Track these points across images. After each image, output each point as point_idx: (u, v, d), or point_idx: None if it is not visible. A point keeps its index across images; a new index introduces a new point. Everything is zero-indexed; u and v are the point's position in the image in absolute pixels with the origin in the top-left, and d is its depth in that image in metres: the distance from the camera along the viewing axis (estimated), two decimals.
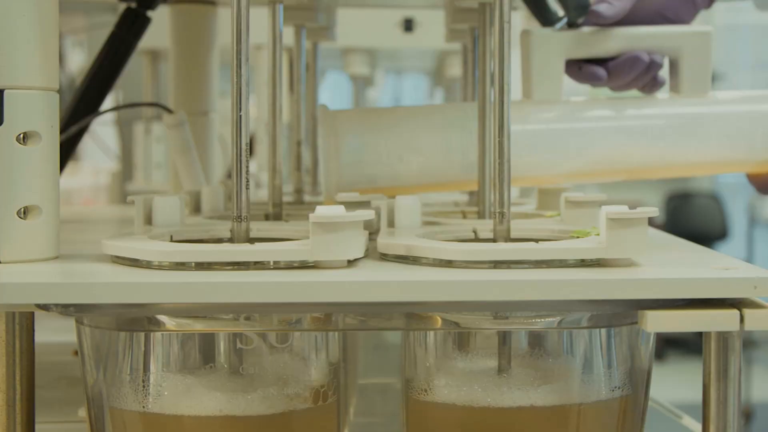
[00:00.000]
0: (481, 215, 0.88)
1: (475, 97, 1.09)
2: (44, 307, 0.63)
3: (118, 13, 1.88)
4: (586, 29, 0.93)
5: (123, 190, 2.14)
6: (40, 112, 0.68)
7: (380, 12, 1.69)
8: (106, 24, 1.94)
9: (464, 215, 0.95)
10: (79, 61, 3.02)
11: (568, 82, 0.95)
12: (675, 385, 2.64)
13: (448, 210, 0.99)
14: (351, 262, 0.66)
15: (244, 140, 0.70)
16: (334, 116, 0.90)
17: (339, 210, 0.64)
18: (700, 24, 1.03)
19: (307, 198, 1.09)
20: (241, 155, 0.70)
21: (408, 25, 1.69)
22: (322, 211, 0.64)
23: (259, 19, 1.75)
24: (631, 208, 0.66)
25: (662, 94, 0.96)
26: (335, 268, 0.65)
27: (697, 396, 0.65)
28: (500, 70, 0.71)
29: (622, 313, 0.66)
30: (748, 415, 3.85)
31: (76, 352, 1.11)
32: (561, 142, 0.91)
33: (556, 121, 0.92)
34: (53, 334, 0.96)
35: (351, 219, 0.64)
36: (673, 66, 0.94)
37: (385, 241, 0.69)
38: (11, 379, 0.68)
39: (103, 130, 2.33)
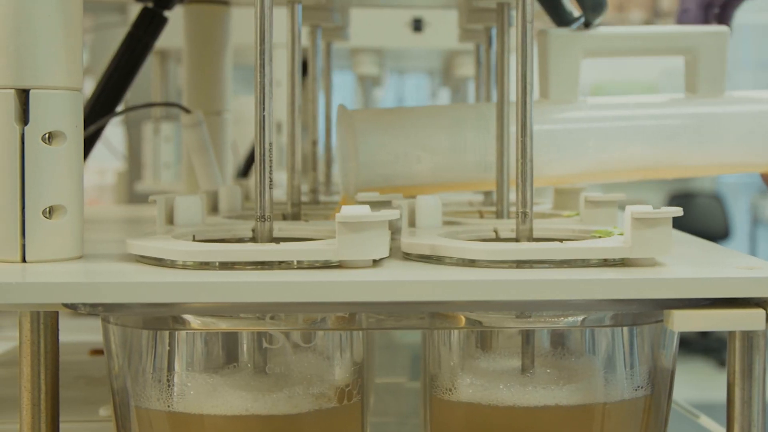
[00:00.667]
0: (499, 215, 0.89)
1: (491, 97, 1.10)
2: (72, 307, 0.63)
3: (125, 13, 1.89)
4: (602, 29, 0.93)
5: (130, 190, 2.14)
6: (64, 112, 0.68)
7: (389, 12, 1.69)
8: (111, 24, 1.94)
9: (481, 215, 0.95)
10: (84, 60, 3.02)
11: None
12: (679, 385, 2.63)
13: (465, 210, 0.99)
14: (376, 262, 0.66)
15: (268, 140, 0.70)
16: (353, 116, 0.90)
17: (365, 210, 0.64)
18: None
19: (321, 198, 1.09)
20: (264, 155, 0.70)
21: (417, 25, 1.69)
22: (349, 211, 0.64)
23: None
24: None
25: (678, 93, 0.96)
26: (361, 267, 0.65)
27: (702, 395, 0.65)
28: (523, 70, 0.72)
29: (646, 312, 0.67)
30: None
31: (92, 352, 1.11)
32: (579, 142, 0.91)
33: (574, 121, 0.92)
34: (69, 333, 0.96)
35: (377, 219, 0.64)
36: (689, 66, 0.95)
37: (410, 241, 0.69)
38: (36, 379, 0.68)
39: (108, 129, 2.33)
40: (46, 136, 0.68)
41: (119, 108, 1.01)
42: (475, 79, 1.21)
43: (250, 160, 1.84)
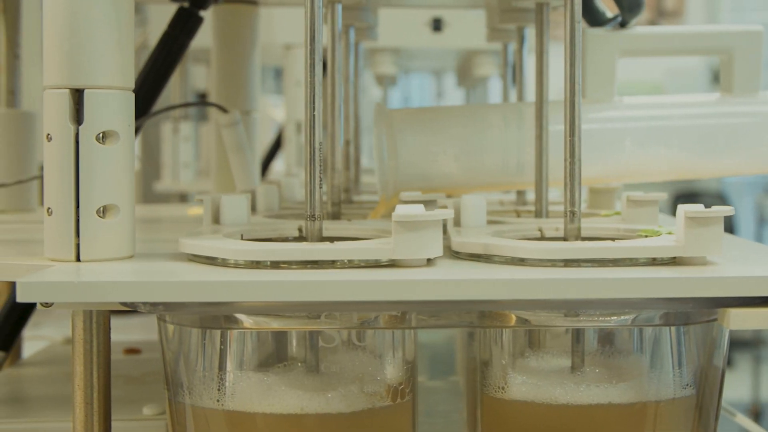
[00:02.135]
0: (538, 214, 0.89)
1: (523, 97, 1.10)
2: (131, 306, 0.63)
3: (141, 12, 1.89)
4: (639, 28, 0.94)
5: (144, 190, 2.14)
6: (118, 112, 0.69)
7: (409, 12, 1.69)
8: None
9: (518, 214, 0.95)
10: None
11: None
12: None
13: (496, 209, 0.99)
14: (429, 261, 0.66)
15: (318, 139, 0.70)
16: (391, 115, 0.90)
17: (420, 209, 0.65)
18: (705, 22, 1.04)
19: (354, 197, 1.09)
20: (314, 154, 0.70)
21: (437, 25, 1.70)
22: (404, 211, 0.64)
23: (294, 19, 1.75)
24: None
25: (714, 93, 0.96)
26: (415, 266, 0.65)
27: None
28: (571, 70, 0.72)
29: (697, 311, 0.67)
30: (756, 414, 3.86)
31: (126, 351, 1.12)
32: (616, 142, 0.92)
33: (611, 121, 0.92)
34: None
35: (432, 218, 0.64)
36: (725, 66, 0.95)
37: (461, 240, 0.69)
38: (89, 378, 0.69)
39: None
40: (100, 135, 0.68)
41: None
42: (503, 78, 1.22)
43: (267, 159, 1.85)
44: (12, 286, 1.08)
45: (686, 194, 5.00)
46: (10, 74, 1.13)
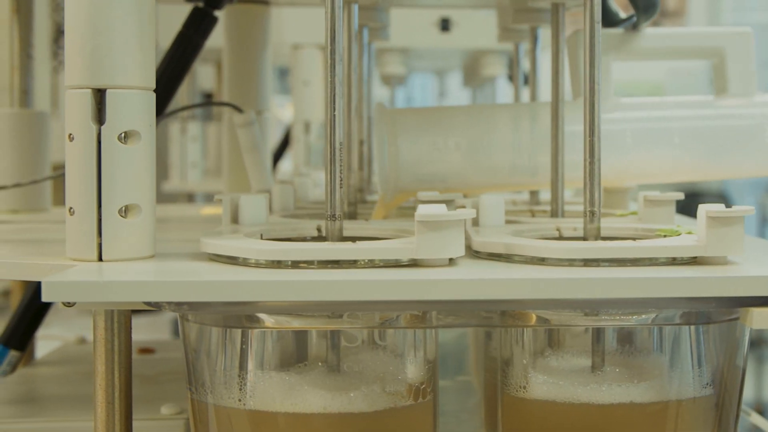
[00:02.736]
0: (553, 214, 0.89)
1: (536, 97, 1.10)
2: (155, 306, 0.63)
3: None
4: (630, 33, 0.94)
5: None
6: (139, 112, 0.69)
7: (417, 12, 1.69)
8: None
9: (532, 214, 0.95)
10: None
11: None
12: None
13: (514, 209, 0.99)
14: (451, 261, 0.66)
15: (338, 139, 0.70)
16: (392, 115, 0.90)
17: (443, 209, 0.65)
18: (707, 23, 1.04)
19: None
20: (335, 154, 0.70)
21: (444, 25, 1.70)
22: (427, 210, 0.64)
23: (302, 19, 1.75)
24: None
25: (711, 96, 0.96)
26: (437, 266, 0.65)
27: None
28: (591, 71, 0.72)
29: (718, 310, 0.67)
30: (760, 413, 3.86)
31: (140, 350, 1.12)
32: (618, 143, 0.92)
33: (615, 122, 0.92)
34: None
35: (455, 218, 0.64)
36: (717, 69, 0.95)
37: (482, 240, 0.69)
38: (110, 378, 0.69)
39: None
40: (122, 135, 0.68)
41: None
42: (513, 79, 1.22)
43: (275, 159, 1.85)
44: (26, 285, 1.08)
45: (688, 194, 4.99)
46: (23, 74, 1.14)
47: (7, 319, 1.04)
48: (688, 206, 0.74)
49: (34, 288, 1.01)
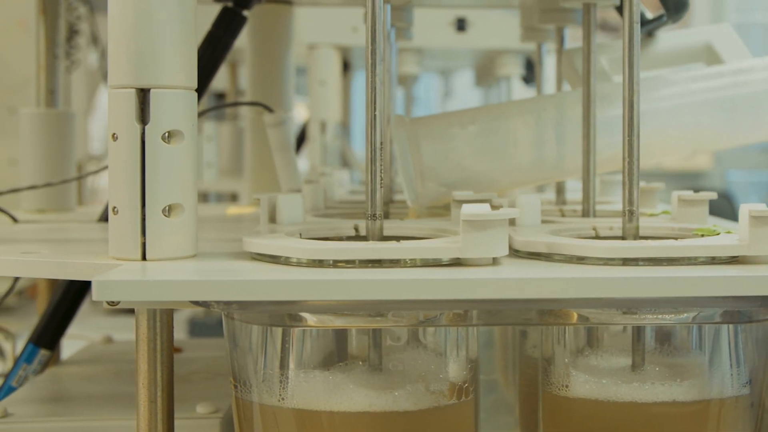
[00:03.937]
0: (585, 213, 0.89)
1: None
2: (204, 304, 0.64)
3: None
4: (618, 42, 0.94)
5: None
6: (182, 111, 0.69)
7: (433, 11, 1.69)
8: None
9: (562, 213, 0.96)
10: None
11: None
12: None
13: (543, 209, 0.99)
14: (494, 260, 0.67)
15: (379, 139, 0.70)
16: (413, 125, 0.89)
17: (486, 208, 0.65)
18: (711, 23, 1.04)
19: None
20: (375, 154, 0.70)
21: (460, 25, 1.70)
22: (472, 210, 0.64)
23: (318, 19, 1.75)
24: None
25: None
26: (481, 265, 0.66)
27: None
28: (630, 70, 0.72)
29: (758, 309, 0.67)
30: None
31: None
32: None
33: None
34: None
35: (499, 217, 0.65)
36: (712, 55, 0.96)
37: (524, 239, 0.70)
38: (153, 376, 0.69)
39: None
40: (166, 135, 0.68)
41: None
42: (536, 78, 1.22)
43: None
44: (54, 285, 1.08)
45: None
46: (50, 74, 1.14)
47: (24, 317, 1.05)
48: None
49: (65, 287, 1.01)
